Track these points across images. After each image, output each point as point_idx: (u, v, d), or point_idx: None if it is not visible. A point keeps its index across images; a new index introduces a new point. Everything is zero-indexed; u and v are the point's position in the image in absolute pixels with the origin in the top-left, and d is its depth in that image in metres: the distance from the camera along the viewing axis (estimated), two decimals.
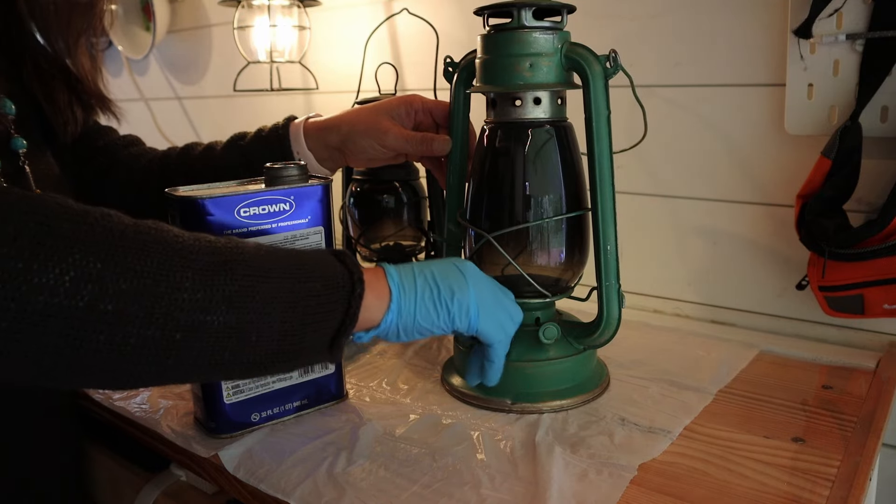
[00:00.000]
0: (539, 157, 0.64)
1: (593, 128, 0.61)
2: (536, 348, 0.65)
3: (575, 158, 0.65)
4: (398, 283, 0.52)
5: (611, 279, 0.62)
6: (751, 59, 0.80)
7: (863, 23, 0.69)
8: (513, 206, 0.64)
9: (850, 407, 0.63)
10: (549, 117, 0.63)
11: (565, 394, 0.64)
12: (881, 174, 0.72)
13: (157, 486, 0.70)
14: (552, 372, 0.65)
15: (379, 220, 0.89)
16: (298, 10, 1.16)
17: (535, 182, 0.64)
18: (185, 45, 1.47)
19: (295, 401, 0.64)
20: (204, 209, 0.55)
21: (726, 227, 0.85)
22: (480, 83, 0.64)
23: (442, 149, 0.71)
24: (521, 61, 0.61)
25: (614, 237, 0.62)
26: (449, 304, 0.54)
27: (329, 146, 0.73)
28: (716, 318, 0.87)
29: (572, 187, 0.65)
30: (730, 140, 0.83)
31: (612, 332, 0.64)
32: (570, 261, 0.66)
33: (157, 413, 0.66)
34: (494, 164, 0.66)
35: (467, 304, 0.55)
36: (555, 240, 0.65)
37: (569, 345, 0.65)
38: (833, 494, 0.50)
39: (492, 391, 0.64)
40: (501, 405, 0.64)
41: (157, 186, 0.65)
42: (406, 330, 0.53)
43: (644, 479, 0.53)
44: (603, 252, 0.62)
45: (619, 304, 0.63)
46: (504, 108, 0.64)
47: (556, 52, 0.61)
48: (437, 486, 0.53)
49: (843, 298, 0.72)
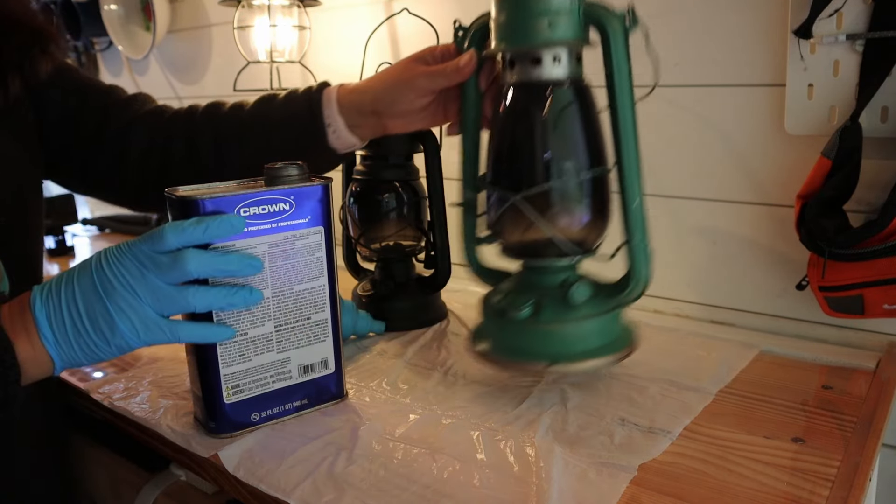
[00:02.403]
0: (562, 116, 0.63)
1: (615, 83, 0.61)
2: (567, 308, 0.63)
3: (595, 117, 0.64)
4: (52, 341, 0.51)
5: (638, 235, 0.62)
6: (751, 59, 0.80)
7: (863, 23, 0.69)
8: (537, 167, 0.63)
9: (850, 407, 0.63)
10: (568, 75, 0.63)
11: (598, 353, 0.63)
12: (881, 174, 0.72)
13: (156, 486, 0.70)
14: (585, 332, 0.64)
15: (379, 220, 0.89)
16: (298, 10, 1.16)
17: (559, 142, 0.63)
18: (185, 45, 1.47)
19: (295, 401, 0.64)
20: (203, 209, 0.55)
21: (726, 227, 0.85)
22: (497, 43, 0.63)
23: (471, 65, 0.68)
24: (541, 19, 0.60)
25: (640, 193, 0.62)
26: (108, 337, 0.52)
27: (363, 111, 0.72)
28: (715, 318, 0.87)
29: (594, 146, 0.64)
30: (730, 140, 0.83)
31: (641, 289, 0.64)
32: (595, 221, 0.65)
33: (157, 413, 0.66)
34: (516, 125, 0.65)
35: (119, 327, 0.52)
36: (579, 200, 0.64)
37: (598, 304, 0.64)
38: (833, 494, 0.50)
39: (525, 355, 0.63)
40: (537, 368, 0.63)
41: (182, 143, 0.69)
42: (87, 361, 0.53)
43: (644, 479, 0.53)
44: (630, 208, 0.62)
45: (647, 260, 0.63)
46: (524, 68, 0.63)
47: (575, 9, 0.60)
48: (437, 486, 0.53)
49: (843, 299, 0.72)
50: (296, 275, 0.61)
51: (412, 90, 0.69)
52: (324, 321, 0.63)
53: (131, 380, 0.74)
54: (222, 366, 0.59)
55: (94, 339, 0.52)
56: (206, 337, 0.56)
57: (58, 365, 0.52)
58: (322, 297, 0.63)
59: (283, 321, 0.61)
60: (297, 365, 0.63)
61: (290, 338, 0.62)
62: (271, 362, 0.61)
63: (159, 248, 0.52)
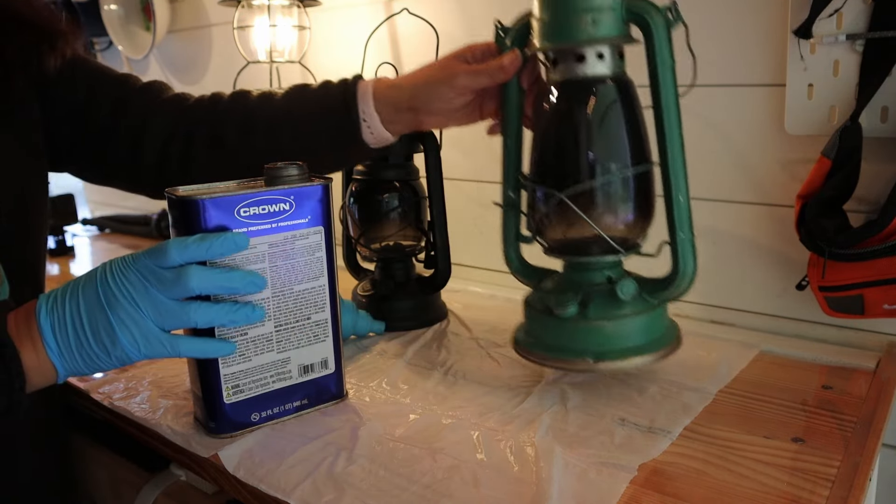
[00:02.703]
0: (607, 113, 0.63)
1: (659, 79, 0.61)
2: (613, 305, 0.64)
3: (639, 113, 0.65)
4: (56, 351, 0.52)
5: (684, 230, 0.63)
6: (751, 59, 0.79)
7: (863, 23, 0.69)
8: (583, 164, 0.63)
9: (850, 407, 0.63)
10: (612, 72, 0.63)
11: (644, 349, 0.64)
12: (881, 174, 0.72)
13: (156, 486, 0.70)
14: (630, 328, 0.64)
15: (379, 220, 0.89)
16: (298, 10, 1.16)
17: (604, 139, 0.64)
18: (185, 45, 1.47)
19: (295, 401, 0.64)
20: (203, 209, 0.55)
21: (726, 227, 0.85)
22: (541, 42, 0.63)
23: (515, 65, 0.67)
24: (584, 15, 0.60)
25: (685, 188, 0.62)
26: (109, 349, 0.52)
27: (399, 107, 0.71)
28: (716, 318, 0.87)
29: (638, 142, 0.64)
30: (730, 140, 0.83)
31: (686, 285, 0.64)
32: (640, 217, 0.65)
33: (157, 413, 0.66)
34: (561, 123, 0.65)
35: (121, 341, 0.52)
36: (623, 197, 0.64)
37: (643, 300, 0.65)
38: (833, 494, 0.50)
39: (572, 352, 0.63)
40: (584, 365, 0.63)
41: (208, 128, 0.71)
42: (88, 371, 0.54)
43: (644, 479, 0.53)
44: (675, 203, 0.62)
45: (693, 256, 0.63)
46: (567, 66, 0.63)
47: (618, 5, 0.61)
48: (437, 486, 0.53)
49: (843, 299, 0.72)
50: (296, 275, 0.61)
51: (452, 88, 0.69)
52: (324, 321, 0.63)
53: (131, 380, 0.74)
54: (222, 366, 0.59)
55: (96, 350, 0.52)
56: (206, 352, 0.57)
57: (61, 374, 0.53)
58: (322, 297, 0.63)
59: (283, 321, 0.61)
60: (297, 365, 0.63)
61: (290, 338, 0.62)
62: (271, 362, 0.61)
63: (162, 263, 0.52)
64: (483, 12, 0.99)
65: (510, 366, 0.74)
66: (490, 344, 0.81)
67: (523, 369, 0.73)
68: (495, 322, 0.88)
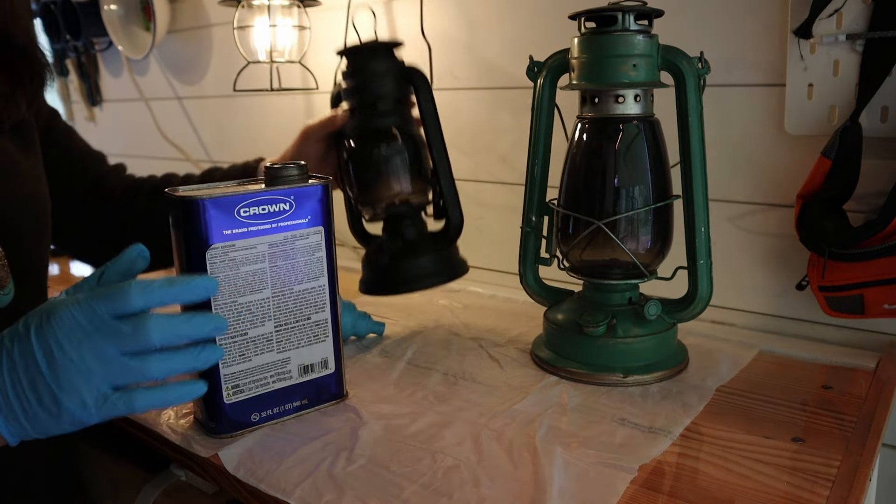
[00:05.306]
0: (638, 149, 0.70)
1: (688, 121, 0.68)
2: (639, 324, 0.71)
3: (664, 150, 0.71)
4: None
5: (703, 257, 0.69)
6: (751, 60, 0.80)
7: (863, 23, 0.69)
8: (614, 194, 0.70)
9: (850, 407, 0.63)
10: (643, 113, 0.70)
11: (661, 365, 0.70)
12: (881, 174, 0.72)
13: (157, 486, 0.70)
14: (654, 345, 0.71)
15: (378, 174, 0.82)
16: (298, 10, 1.16)
17: (634, 172, 0.71)
18: (185, 45, 1.47)
19: (295, 401, 0.64)
20: (204, 209, 0.55)
21: (726, 226, 0.85)
22: (579, 81, 0.69)
23: (343, 117, 0.85)
24: (627, 61, 0.67)
25: (706, 220, 0.69)
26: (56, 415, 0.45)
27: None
28: (715, 318, 0.87)
29: (661, 177, 0.71)
30: (730, 140, 0.83)
31: (702, 306, 0.71)
32: (661, 244, 0.73)
33: (157, 413, 0.66)
34: (594, 156, 0.72)
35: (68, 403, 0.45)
36: (646, 227, 0.71)
37: (663, 320, 0.72)
38: (833, 494, 0.50)
39: (602, 367, 0.70)
40: (615, 379, 0.69)
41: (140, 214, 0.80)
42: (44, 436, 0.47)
43: (644, 479, 0.53)
44: (697, 233, 0.69)
45: (710, 281, 0.70)
46: (605, 105, 0.69)
47: (655, 54, 0.67)
48: (437, 486, 0.53)
49: (843, 298, 0.72)
50: (296, 275, 0.61)
51: (308, 139, 0.87)
52: (324, 321, 0.63)
53: None
54: (222, 366, 0.59)
55: (43, 416, 0.45)
56: (166, 402, 0.49)
57: (10, 441, 0.46)
58: (322, 297, 0.63)
59: (283, 321, 0.61)
60: (297, 365, 0.63)
61: (290, 338, 0.62)
62: (271, 362, 0.61)
63: (121, 309, 0.45)
64: (483, 13, 0.99)
65: (510, 366, 0.74)
66: (490, 344, 0.81)
67: (523, 369, 0.73)
68: (495, 322, 0.88)
